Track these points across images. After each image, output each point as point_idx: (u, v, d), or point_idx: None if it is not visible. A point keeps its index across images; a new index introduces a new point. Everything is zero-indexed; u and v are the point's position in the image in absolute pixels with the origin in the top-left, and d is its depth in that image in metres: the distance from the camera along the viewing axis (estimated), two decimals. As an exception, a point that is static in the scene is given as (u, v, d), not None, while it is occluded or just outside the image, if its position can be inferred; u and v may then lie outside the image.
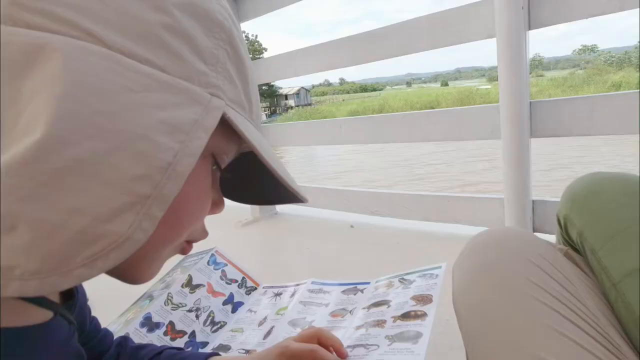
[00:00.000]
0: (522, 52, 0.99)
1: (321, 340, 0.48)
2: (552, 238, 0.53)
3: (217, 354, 0.49)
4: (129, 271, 0.28)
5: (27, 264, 0.18)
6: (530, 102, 1.03)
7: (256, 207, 1.68)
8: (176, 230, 0.28)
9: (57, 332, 0.28)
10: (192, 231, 0.30)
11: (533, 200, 1.09)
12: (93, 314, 0.49)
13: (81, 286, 0.38)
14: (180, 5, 0.25)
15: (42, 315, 0.27)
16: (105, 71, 0.21)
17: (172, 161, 0.21)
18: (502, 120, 1.05)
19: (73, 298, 0.33)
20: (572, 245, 0.46)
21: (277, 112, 44.76)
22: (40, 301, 0.27)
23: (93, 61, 0.21)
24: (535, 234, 1.09)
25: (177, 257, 0.85)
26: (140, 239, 0.21)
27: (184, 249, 0.32)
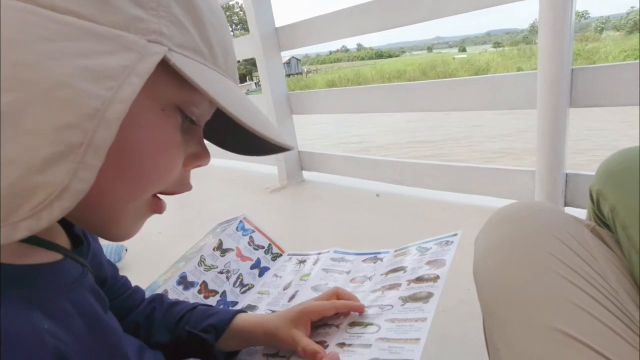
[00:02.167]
0: (567, 12, 0.91)
1: (340, 297, 0.52)
2: (583, 213, 0.52)
3: (245, 312, 0.53)
4: (105, 227, 0.29)
5: None
6: (572, 69, 0.97)
7: (284, 174, 1.71)
8: (141, 183, 0.27)
9: (68, 271, 0.30)
10: (166, 184, 0.29)
11: (566, 174, 1.05)
12: (138, 274, 0.54)
13: (95, 238, 0.40)
14: None
15: (52, 257, 0.29)
16: (19, 23, 0.20)
17: (101, 108, 0.21)
18: (539, 88, 0.99)
19: (82, 244, 0.34)
20: (603, 220, 0.45)
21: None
22: (48, 244, 0.29)
23: (4, 13, 0.20)
24: (564, 208, 1.06)
25: (210, 225, 0.89)
26: (80, 188, 0.20)
27: (155, 205, 0.31)
